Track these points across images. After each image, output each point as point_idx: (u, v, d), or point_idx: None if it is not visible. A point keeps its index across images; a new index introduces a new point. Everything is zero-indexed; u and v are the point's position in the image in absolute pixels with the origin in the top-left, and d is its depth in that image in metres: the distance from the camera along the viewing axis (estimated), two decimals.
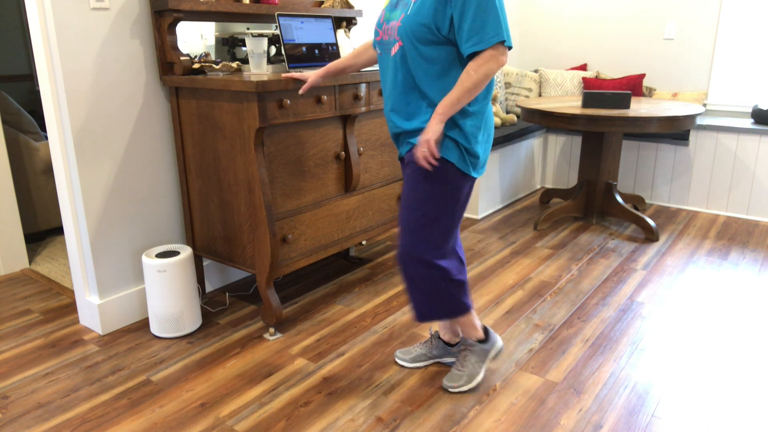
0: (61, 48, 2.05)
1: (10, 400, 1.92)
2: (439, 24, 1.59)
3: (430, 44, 1.62)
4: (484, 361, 1.97)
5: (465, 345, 1.98)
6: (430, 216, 1.73)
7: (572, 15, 4.59)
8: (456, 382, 1.94)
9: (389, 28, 1.71)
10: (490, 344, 1.99)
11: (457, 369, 1.96)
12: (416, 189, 1.73)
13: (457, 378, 1.94)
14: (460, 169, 1.70)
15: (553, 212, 3.59)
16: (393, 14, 1.71)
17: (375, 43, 1.80)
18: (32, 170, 3.27)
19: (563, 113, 3.16)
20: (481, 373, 1.96)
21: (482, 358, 1.97)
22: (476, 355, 1.96)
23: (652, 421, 1.79)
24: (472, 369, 1.95)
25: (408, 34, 1.63)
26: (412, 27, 1.61)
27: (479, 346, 1.97)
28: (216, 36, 2.58)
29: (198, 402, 1.90)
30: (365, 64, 2.01)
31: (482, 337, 1.98)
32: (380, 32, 1.76)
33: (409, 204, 1.75)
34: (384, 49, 1.75)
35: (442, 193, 1.71)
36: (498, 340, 2.02)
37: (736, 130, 3.74)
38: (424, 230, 1.74)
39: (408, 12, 1.64)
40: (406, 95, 1.71)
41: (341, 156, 2.47)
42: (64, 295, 2.71)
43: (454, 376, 1.95)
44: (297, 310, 2.54)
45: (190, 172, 2.42)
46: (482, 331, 1.99)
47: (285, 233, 2.28)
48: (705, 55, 4.12)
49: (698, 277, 2.87)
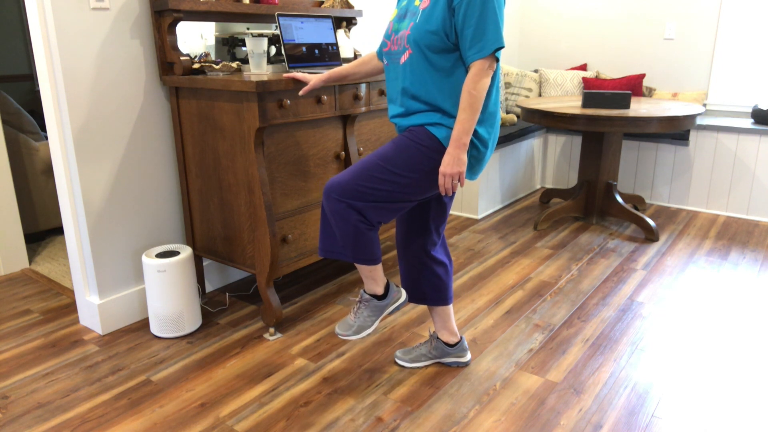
0: (61, 48, 2.05)
1: (10, 400, 1.92)
2: (447, 31, 1.62)
3: (440, 52, 1.64)
4: (378, 316, 1.94)
5: (361, 298, 1.95)
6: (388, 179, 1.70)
7: (572, 15, 4.59)
8: (345, 331, 1.92)
9: (398, 38, 1.73)
10: (386, 302, 1.95)
11: (350, 318, 1.95)
12: (395, 150, 1.71)
13: (346, 327, 1.93)
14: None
15: (553, 212, 3.59)
16: (401, 24, 1.73)
17: (382, 54, 1.81)
18: (32, 170, 3.27)
19: (563, 113, 3.16)
20: (371, 327, 1.93)
21: (376, 313, 1.94)
22: (370, 310, 1.93)
23: (652, 421, 1.79)
24: (362, 322, 1.92)
25: (418, 42, 1.65)
26: (422, 35, 1.64)
27: (374, 302, 1.93)
28: (216, 36, 2.58)
29: (198, 402, 1.90)
30: (368, 75, 2.02)
31: (380, 293, 1.93)
32: (388, 43, 1.77)
33: (378, 155, 1.72)
34: (392, 59, 1.77)
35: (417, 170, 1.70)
36: (400, 295, 1.98)
37: (736, 130, 3.74)
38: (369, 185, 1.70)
39: (417, 21, 1.66)
40: (414, 102, 1.73)
41: (341, 156, 2.47)
42: (64, 295, 2.71)
43: (345, 324, 1.94)
44: (297, 310, 2.55)
45: (190, 172, 2.42)
46: (383, 288, 1.93)
47: (285, 233, 2.28)
48: (705, 55, 4.12)
49: (698, 277, 2.87)
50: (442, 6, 1.61)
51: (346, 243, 1.77)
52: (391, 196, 1.72)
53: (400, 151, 1.71)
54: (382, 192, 1.71)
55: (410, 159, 1.70)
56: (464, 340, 2.10)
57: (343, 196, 1.70)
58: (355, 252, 1.78)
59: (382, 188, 1.70)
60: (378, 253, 1.82)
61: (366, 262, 1.81)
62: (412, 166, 1.70)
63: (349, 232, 1.74)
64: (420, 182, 1.72)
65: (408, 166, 1.70)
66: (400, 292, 1.98)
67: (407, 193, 1.73)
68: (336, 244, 1.81)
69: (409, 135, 1.73)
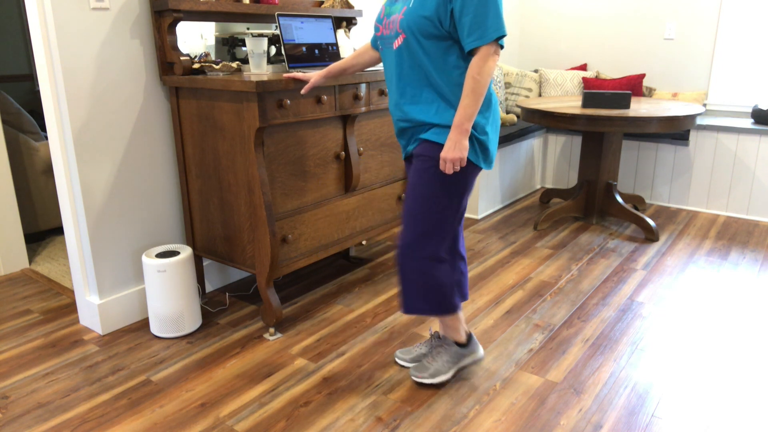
0: (61, 48, 2.05)
1: (10, 400, 1.93)
2: (441, 17, 1.60)
3: (432, 38, 1.63)
4: (455, 363, 1.97)
5: (442, 341, 1.98)
6: (437, 211, 1.74)
7: (572, 15, 4.59)
8: (420, 372, 1.95)
9: (390, 23, 1.71)
10: (467, 350, 1.99)
11: (426, 361, 1.97)
12: (426, 183, 1.73)
13: (422, 369, 1.96)
14: (472, 161, 1.71)
15: (553, 212, 3.59)
16: (393, 8, 1.71)
17: (375, 39, 1.81)
18: (32, 170, 3.27)
19: (563, 113, 3.16)
20: (447, 374, 1.95)
21: (454, 360, 1.97)
22: (449, 355, 1.96)
23: (652, 421, 1.79)
24: (440, 366, 1.95)
25: (411, 27, 1.64)
26: (415, 20, 1.62)
27: (456, 348, 1.97)
28: (216, 36, 2.58)
29: (198, 402, 1.90)
30: (367, 65, 2.01)
31: (463, 341, 1.98)
32: (380, 27, 1.76)
33: (416, 197, 1.75)
34: (385, 44, 1.76)
35: (452, 186, 1.72)
36: (479, 350, 2.02)
37: (736, 130, 3.74)
38: (429, 225, 1.75)
39: (410, 5, 1.64)
40: (410, 87, 1.72)
41: (341, 156, 2.47)
42: (64, 295, 2.71)
43: (422, 366, 1.96)
44: (297, 310, 2.54)
45: (190, 172, 2.42)
46: (465, 337, 1.99)
47: (285, 233, 2.28)
48: (705, 55, 4.12)
49: (698, 277, 2.87)
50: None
51: (430, 298, 1.82)
52: (448, 219, 1.76)
53: (430, 180, 1.72)
54: (442, 224, 1.75)
55: (442, 182, 1.71)
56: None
57: (418, 251, 1.76)
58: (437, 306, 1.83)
59: (440, 221, 1.75)
60: (456, 302, 1.88)
61: (448, 314, 1.86)
62: (446, 186, 1.72)
63: (429, 286, 1.80)
64: (459, 193, 1.74)
65: (444, 189, 1.72)
66: (479, 346, 2.02)
67: (456, 209, 1.77)
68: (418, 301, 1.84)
69: (424, 160, 1.73)
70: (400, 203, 2.88)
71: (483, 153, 1.73)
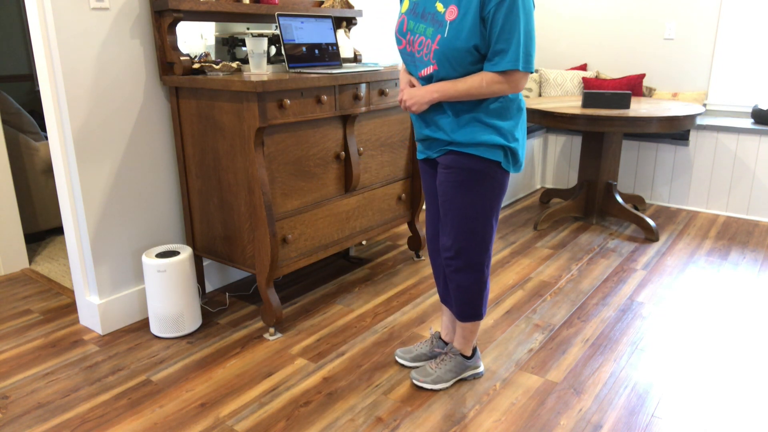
0: (61, 48, 2.05)
1: (10, 400, 1.92)
2: (479, 45, 1.56)
3: (469, 65, 1.60)
4: (457, 374, 1.98)
5: (450, 350, 1.99)
6: (482, 218, 1.75)
7: (572, 15, 4.58)
8: (423, 377, 1.96)
9: (416, 42, 1.66)
10: (471, 363, 1.99)
11: (430, 366, 1.98)
12: (464, 195, 1.73)
13: (425, 374, 1.96)
14: (504, 167, 1.72)
15: (553, 212, 3.59)
16: (419, 27, 1.64)
17: (399, 49, 1.77)
18: (32, 170, 3.27)
19: (563, 113, 3.16)
20: (448, 383, 1.96)
21: (458, 370, 1.97)
22: (453, 365, 1.97)
23: (652, 421, 1.79)
24: (442, 374, 1.96)
25: (449, 59, 1.59)
26: (453, 53, 1.58)
27: (460, 358, 1.97)
28: (216, 36, 2.58)
29: (198, 402, 1.90)
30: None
31: (468, 354, 1.99)
32: (403, 41, 1.71)
33: (458, 208, 1.75)
34: (409, 61, 1.73)
35: (490, 193, 1.73)
36: (481, 366, 2.03)
37: (736, 130, 3.74)
38: (476, 233, 1.76)
39: (445, 34, 1.57)
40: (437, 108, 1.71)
41: (341, 156, 2.47)
42: (64, 295, 2.71)
43: (425, 371, 1.97)
44: (297, 310, 2.54)
45: (190, 172, 2.42)
46: (471, 350, 2.00)
47: (285, 233, 2.28)
48: (705, 55, 4.12)
49: (698, 277, 2.87)
50: (473, 16, 1.52)
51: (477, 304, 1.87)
52: (488, 224, 1.77)
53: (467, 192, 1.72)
54: (485, 230, 1.77)
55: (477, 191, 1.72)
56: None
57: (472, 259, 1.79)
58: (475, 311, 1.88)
59: (483, 228, 1.76)
60: (485, 310, 1.93)
61: (478, 319, 1.91)
62: (482, 194, 1.72)
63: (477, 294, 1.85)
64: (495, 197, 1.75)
65: (480, 197, 1.73)
66: (481, 361, 2.05)
67: (496, 213, 1.78)
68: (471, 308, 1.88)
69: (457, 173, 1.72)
70: (401, 203, 2.88)
71: (513, 158, 1.73)
